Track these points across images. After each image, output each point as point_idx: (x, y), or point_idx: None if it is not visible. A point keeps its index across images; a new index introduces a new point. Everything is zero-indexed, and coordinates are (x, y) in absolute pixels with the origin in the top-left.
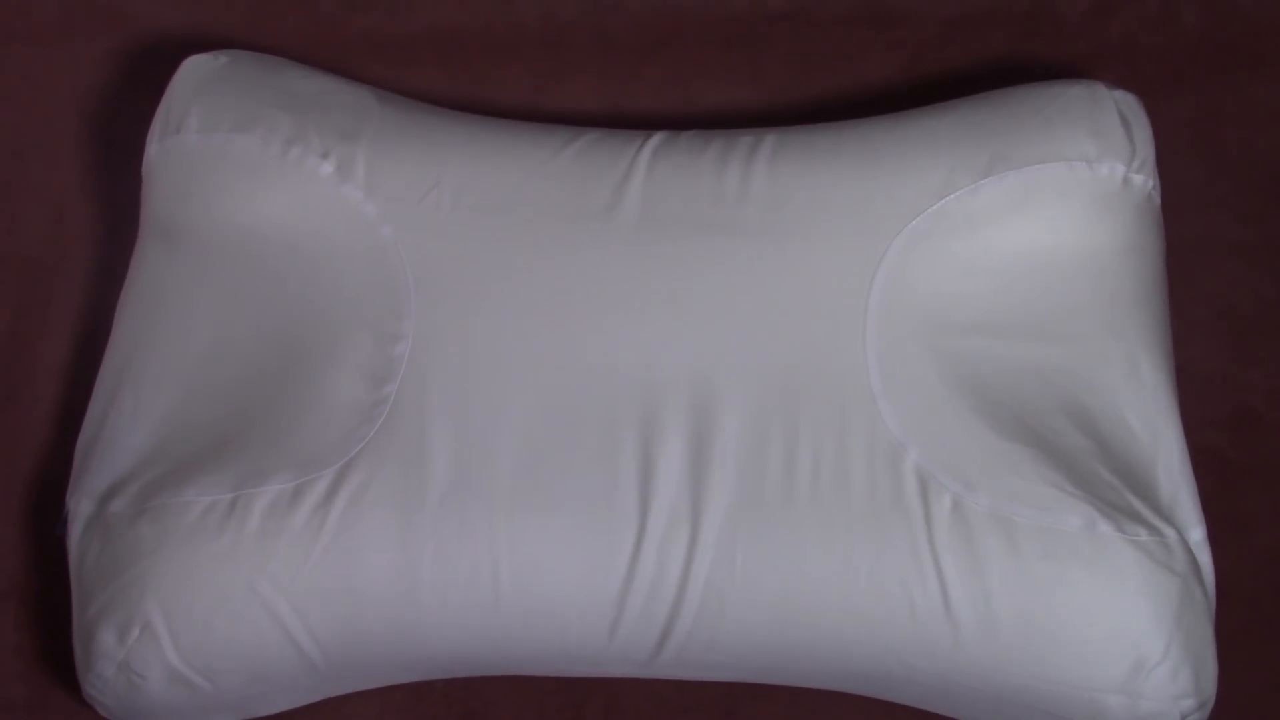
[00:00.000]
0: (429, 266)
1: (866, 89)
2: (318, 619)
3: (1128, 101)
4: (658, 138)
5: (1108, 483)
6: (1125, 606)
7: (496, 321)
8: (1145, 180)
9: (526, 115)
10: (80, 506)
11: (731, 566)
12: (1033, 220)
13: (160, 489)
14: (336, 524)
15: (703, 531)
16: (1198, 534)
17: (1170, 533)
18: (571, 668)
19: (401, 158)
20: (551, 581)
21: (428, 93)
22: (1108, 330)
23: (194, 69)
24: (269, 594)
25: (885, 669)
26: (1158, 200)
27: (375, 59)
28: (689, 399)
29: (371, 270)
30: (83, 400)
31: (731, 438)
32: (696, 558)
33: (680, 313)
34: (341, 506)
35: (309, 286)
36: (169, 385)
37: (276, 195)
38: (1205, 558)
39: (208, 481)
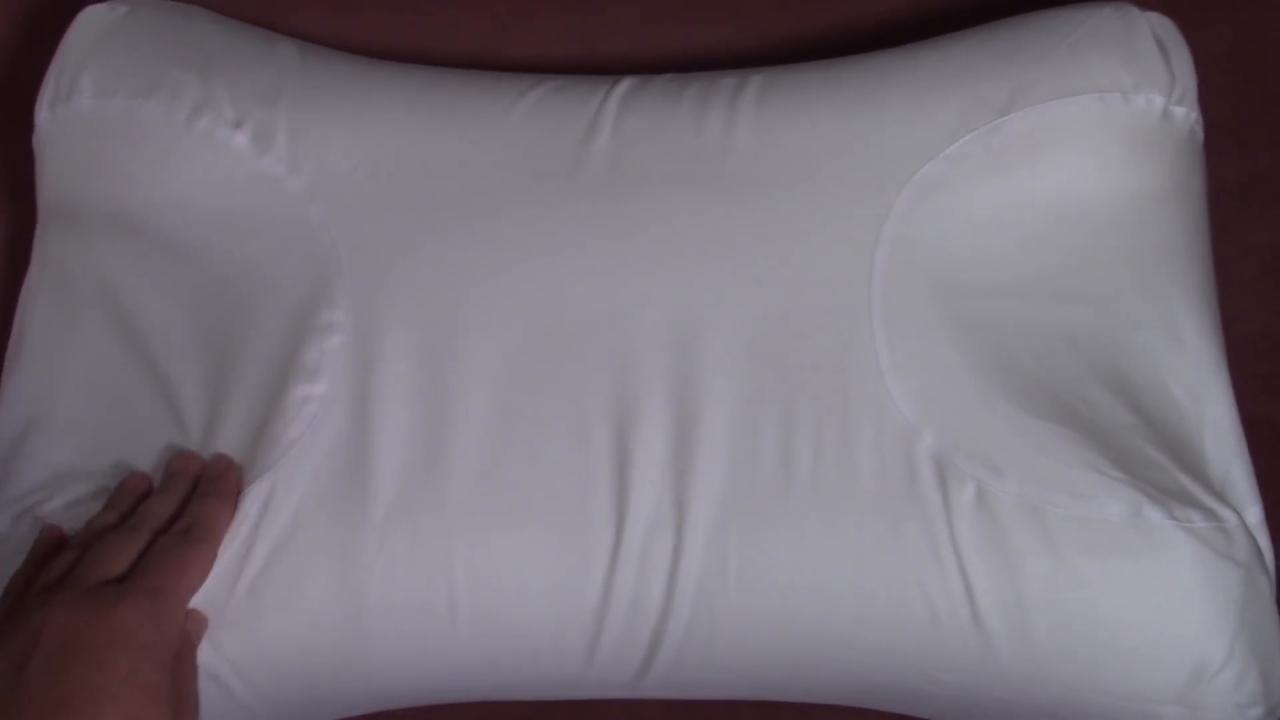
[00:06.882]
0: (365, 247)
1: (867, 23)
2: (247, 657)
3: (1164, 25)
4: (627, 83)
5: (1153, 461)
6: (1181, 605)
7: (445, 305)
8: (1187, 113)
9: (482, 64)
10: None
11: (724, 573)
12: (1060, 162)
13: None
14: (265, 548)
15: (689, 534)
16: (1255, 514)
17: (1228, 515)
18: (545, 693)
19: (329, 121)
20: (517, 601)
21: (370, 43)
22: (1146, 287)
23: (89, 22)
24: None
25: (904, 682)
26: (1201, 136)
27: (307, 3)
28: (669, 381)
29: (299, 254)
30: None
31: (719, 424)
32: (683, 564)
33: (656, 284)
34: (269, 527)
35: (228, 274)
36: (73, 398)
37: (185, 172)
38: (1265, 540)
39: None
